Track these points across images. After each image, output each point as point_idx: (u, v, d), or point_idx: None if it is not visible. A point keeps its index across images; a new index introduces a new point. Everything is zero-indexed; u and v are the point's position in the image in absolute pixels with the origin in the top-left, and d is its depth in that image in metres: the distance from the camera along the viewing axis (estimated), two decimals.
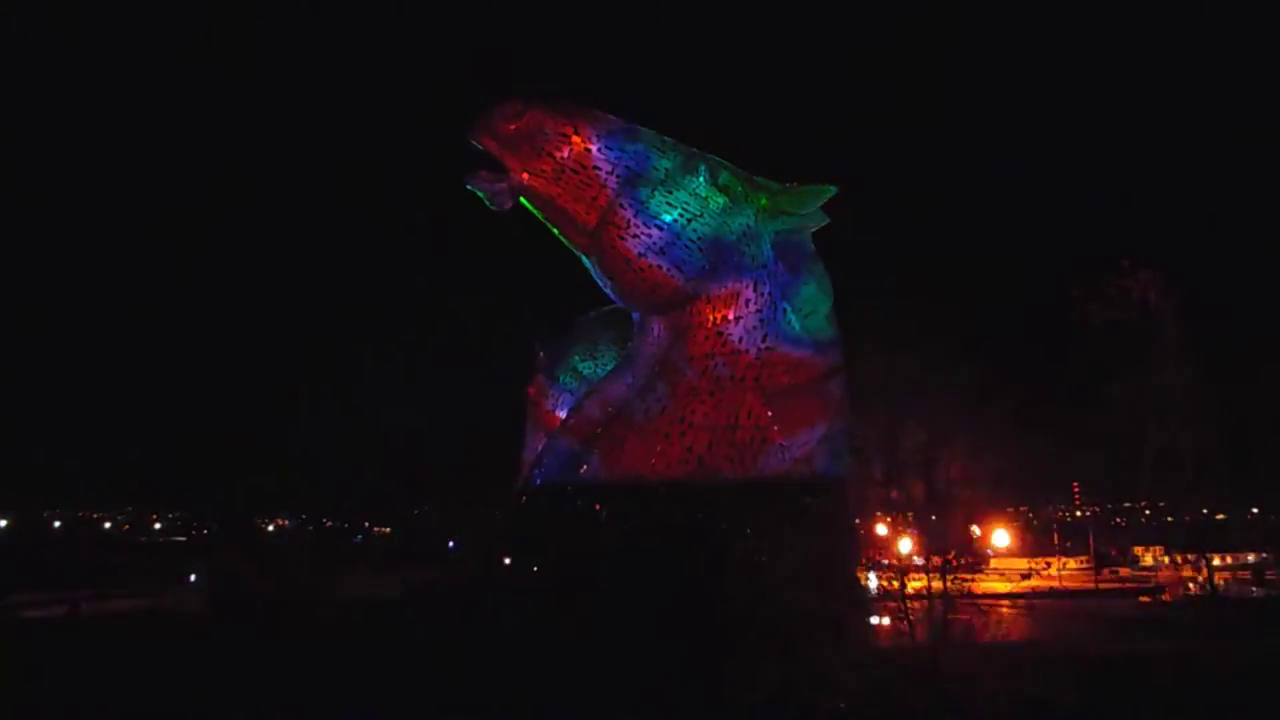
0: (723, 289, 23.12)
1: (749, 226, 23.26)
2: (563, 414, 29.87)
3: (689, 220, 22.69)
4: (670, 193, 22.71)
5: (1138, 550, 71.07)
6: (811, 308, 23.53)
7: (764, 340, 23.04)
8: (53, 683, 19.81)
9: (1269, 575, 47.87)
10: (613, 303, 25.69)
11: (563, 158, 22.53)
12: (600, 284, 24.29)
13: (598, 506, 22.06)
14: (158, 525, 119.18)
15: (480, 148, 22.69)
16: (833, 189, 23.32)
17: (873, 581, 24.24)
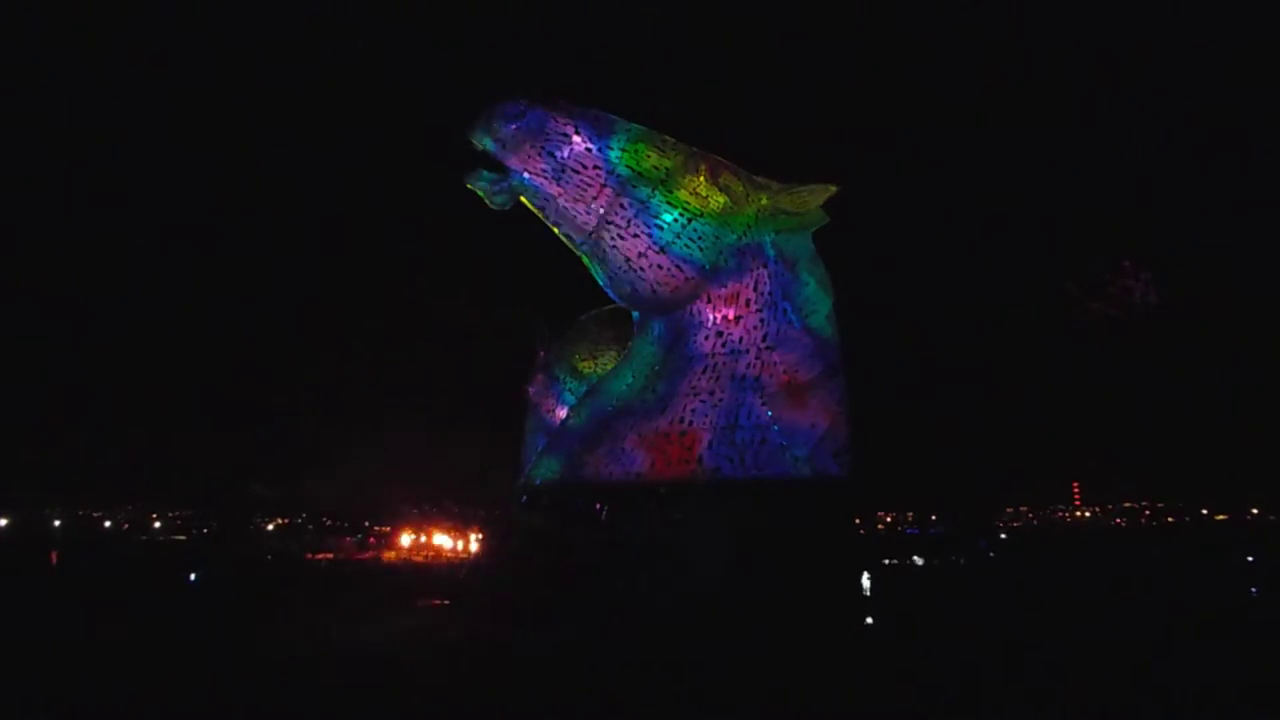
0: (723, 289, 23.14)
1: (750, 226, 23.28)
2: (563, 413, 29.89)
3: (689, 220, 22.71)
4: (671, 192, 22.73)
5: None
6: (812, 308, 23.54)
7: (764, 340, 23.06)
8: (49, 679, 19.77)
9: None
10: (613, 302, 25.71)
11: (563, 157, 22.55)
12: (601, 284, 24.33)
13: (598, 506, 22.09)
14: (157, 524, 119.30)
15: (480, 147, 22.70)
16: (833, 188, 23.31)
17: (866, 581, 24.29)
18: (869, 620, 23.40)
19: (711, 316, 23.22)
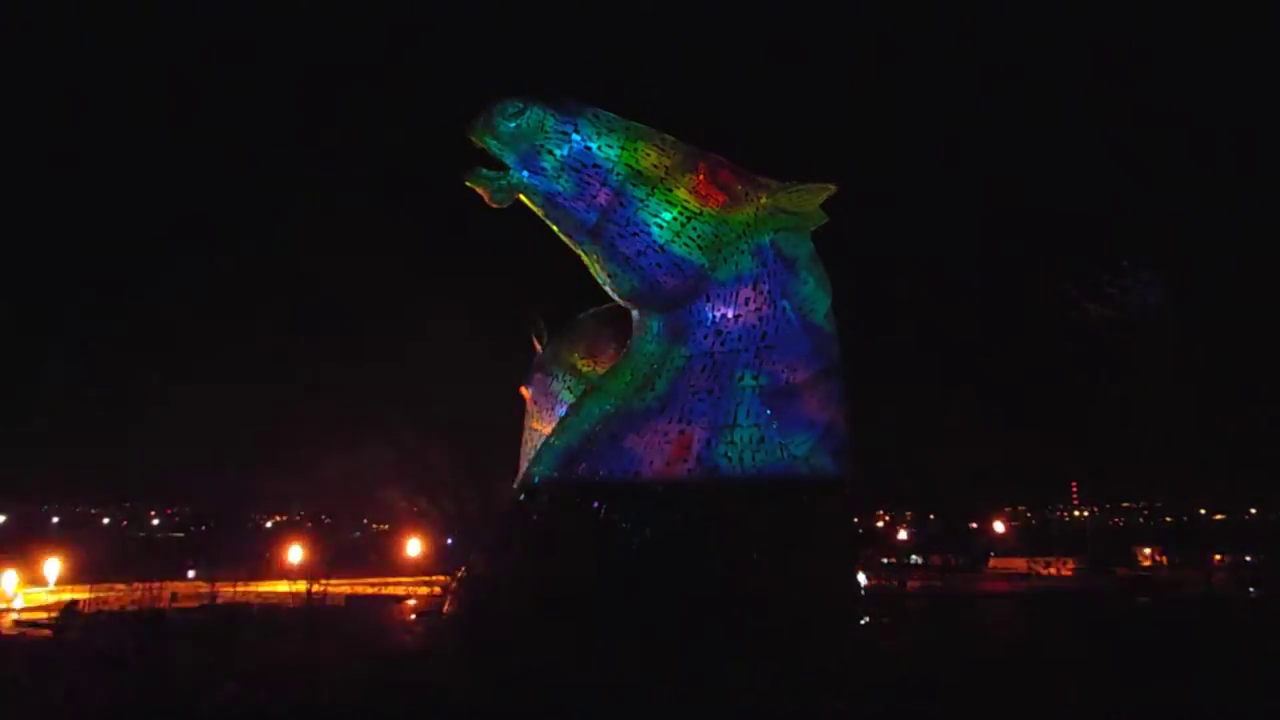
0: (722, 287, 23.10)
1: (749, 225, 23.24)
2: (561, 412, 29.84)
3: (689, 218, 22.68)
4: (670, 190, 22.69)
5: (1139, 551, 71.29)
6: (811, 306, 23.54)
7: (763, 339, 23.03)
8: (50, 680, 19.75)
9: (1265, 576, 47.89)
10: (612, 301, 25.67)
11: (563, 156, 22.50)
12: (600, 282, 24.29)
13: (596, 505, 22.03)
14: (155, 521, 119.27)
15: (479, 145, 22.66)
16: (833, 187, 23.28)
17: (861, 579, 24.31)
18: (865, 620, 23.41)
19: (710, 315, 23.18)
